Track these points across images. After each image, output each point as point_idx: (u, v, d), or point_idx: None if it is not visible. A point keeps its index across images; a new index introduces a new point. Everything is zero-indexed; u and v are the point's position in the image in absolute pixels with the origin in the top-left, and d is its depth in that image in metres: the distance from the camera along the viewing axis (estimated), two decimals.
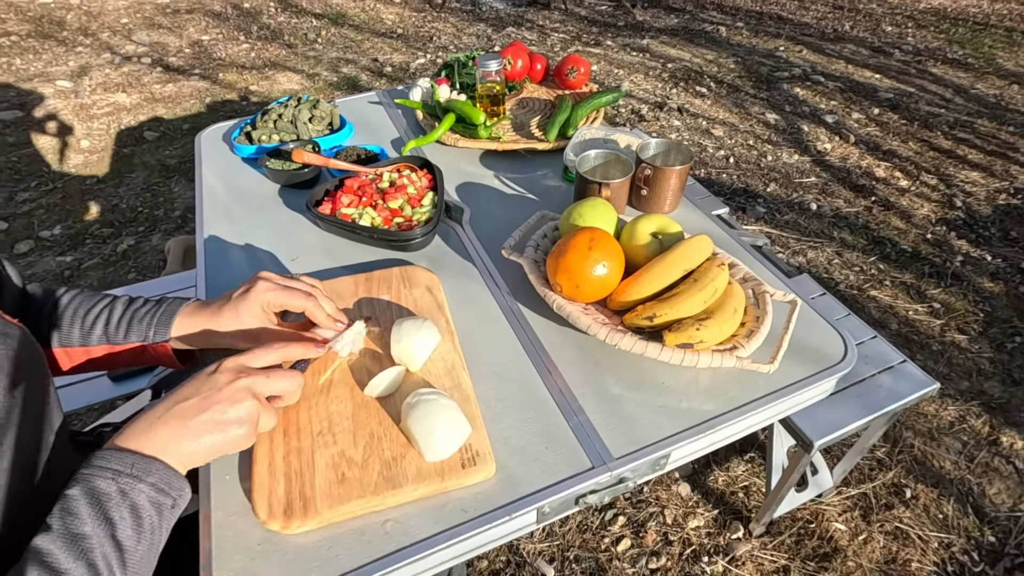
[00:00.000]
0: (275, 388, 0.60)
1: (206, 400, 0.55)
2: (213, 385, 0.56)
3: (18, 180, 2.59)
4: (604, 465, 0.66)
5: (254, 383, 0.58)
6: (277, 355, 0.62)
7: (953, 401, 1.78)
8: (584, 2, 4.94)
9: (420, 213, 0.96)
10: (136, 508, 0.50)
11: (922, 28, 4.58)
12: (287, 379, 0.60)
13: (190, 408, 0.55)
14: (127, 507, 0.50)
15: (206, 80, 3.44)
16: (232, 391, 0.56)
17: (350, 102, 1.41)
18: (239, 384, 0.57)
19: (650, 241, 0.80)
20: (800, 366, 0.77)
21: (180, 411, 0.55)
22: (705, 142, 3.00)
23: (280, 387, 0.60)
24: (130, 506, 0.50)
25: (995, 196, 2.69)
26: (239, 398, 0.56)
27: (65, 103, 3.13)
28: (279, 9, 4.45)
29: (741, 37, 4.31)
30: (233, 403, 0.56)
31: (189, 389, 0.57)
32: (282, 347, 0.63)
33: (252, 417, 0.57)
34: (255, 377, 0.58)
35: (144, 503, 0.51)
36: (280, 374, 0.60)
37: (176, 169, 2.70)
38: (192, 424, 0.54)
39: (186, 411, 0.55)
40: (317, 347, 0.67)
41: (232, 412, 0.55)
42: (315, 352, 0.66)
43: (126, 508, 0.50)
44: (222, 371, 0.58)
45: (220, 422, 0.55)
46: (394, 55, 3.85)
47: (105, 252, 2.25)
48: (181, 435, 0.54)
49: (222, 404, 0.55)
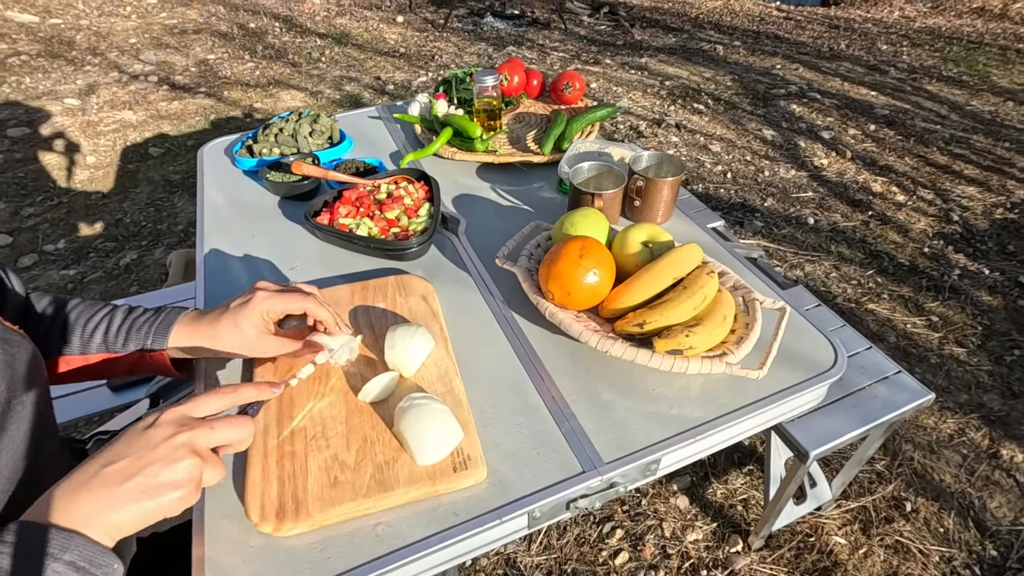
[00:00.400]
0: (220, 439, 0.53)
1: (137, 461, 0.49)
2: (146, 443, 0.50)
3: (24, 195, 2.62)
4: (595, 469, 0.67)
5: (194, 437, 0.51)
6: (224, 400, 0.56)
7: (952, 414, 1.78)
8: (583, 22, 5.02)
9: (416, 223, 0.98)
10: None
11: (917, 47, 4.64)
12: (234, 427, 0.54)
13: (118, 471, 0.48)
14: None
15: (211, 98, 3.49)
16: (169, 449, 0.50)
17: (350, 117, 1.43)
18: (177, 440, 0.50)
19: (641, 250, 0.82)
20: (790, 373, 0.78)
21: (107, 476, 0.48)
22: (703, 157, 3.03)
23: (226, 437, 0.53)
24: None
25: (992, 210, 2.71)
26: (175, 457, 0.49)
27: (72, 120, 3.19)
28: (284, 29, 4.53)
29: (738, 56, 4.38)
30: (169, 463, 0.49)
31: (119, 448, 0.50)
32: (231, 391, 0.57)
33: (192, 477, 0.50)
34: (196, 430, 0.52)
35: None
36: (226, 422, 0.54)
37: (180, 184, 2.73)
38: (119, 492, 0.48)
39: (114, 475, 0.48)
40: (271, 388, 0.60)
41: (166, 474, 0.49)
42: (269, 394, 0.60)
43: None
44: (159, 425, 0.51)
45: (152, 487, 0.48)
46: (396, 73, 3.91)
47: (108, 266, 2.27)
48: (107, 503, 0.48)
49: (155, 465, 0.49)
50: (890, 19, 5.43)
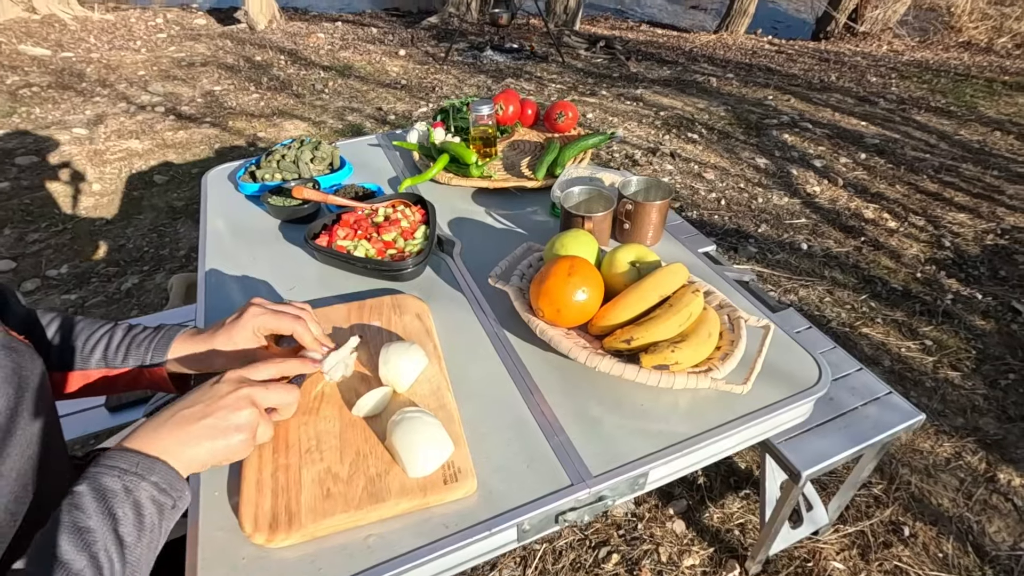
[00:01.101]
0: (274, 400, 0.62)
1: (209, 407, 0.58)
2: (216, 394, 0.59)
3: (29, 221, 2.67)
4: (583, 483, 0.68)
5: (254, 393, 0.60)
6: (276, 369, 0.65)
7: (948, 437, 1.78)
8: (580, 55, 5.17)
9: (412, 245, 1.01)
10: (138, 505, 0.52)
11: (905, 79, 4.77)
12: (285, 392, 0.63)
13: (193, 414, 0.57)
14: (130, 504, 0.52)
15: (216, 127, 3.58)
16: (234, 399, 0.59)
17: (350, 144, 1.48)
18: (241, 393, 0.60)
19: (628, 269, 0.84)
20: (775, 389, 0.79)
21: (184, 416, 0.57)
22: (697, 185, 3.09)
23: (278, 399, 0.63)
24: (133, 503, 0.52)
25: (983, 236, 2.75)
26: (240, 406, 0.59)
27: (80, 149, 3.26)
28: (289, 62, 4.66)
29: (731, 87, 4.49)
30: (235, 410, 0.58)
31: (193, 397, 0.59)
32: (280, 362, 0.66)
33: (252, 425, 0.59)
34: (255, 388, 0.61)
35: (146, 501, 0.52)
36: (279, 387, 0.63)
37: (183, 211, 2.78)
38: (195, 429, 0.56)
39: (189, 417, 0.57)
40: (313, 364, 0.71)
41: (233, 419, 0.58)
42: (311, 368, 0.70)
43: (129, 505, 0.51)
44: (224, 381, 0.61)
45: (222, 428, 0.57)
46: (397, 104, 4.01)
47: (109, 290, 2.30)
48: (184, 439, 0.56)
49: (224, 411, 0.58)
50: (879, 52, 5.59)
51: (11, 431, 0.58)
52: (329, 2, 7.10)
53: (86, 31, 5.01)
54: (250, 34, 5.24)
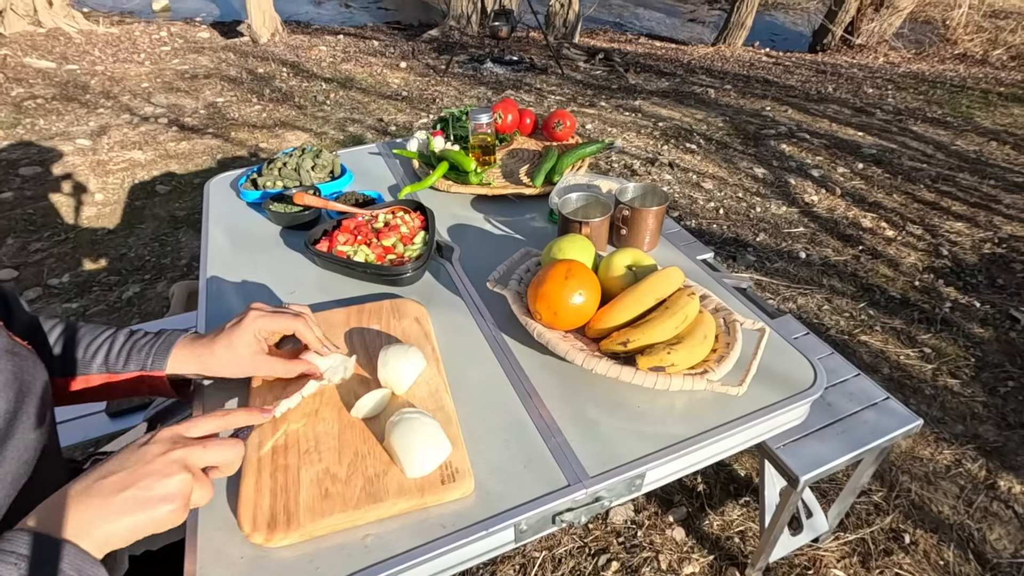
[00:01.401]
0: (212, 459, 0.55)
1: (132, 475, 0.51)
2: (141, 458, 0.52)
3: (32, 231, 2.69)
4: (580, 483, 0.68)
5: (188, 454, 0.54)
6: (218, 423, 0.59)
7: (948, 445, 1.78)
8: (579, 67, 5.22)
9: (412, 250, 1.02)
10: None
11: (902, 90, 4.81)
12: (226, 449, 0.56)
13: (113, 484, 0.50)
14: None
15: (218, 138, 3.61)
16: (163, 464, 0.52)
17: (351, 153, 1.50)
18: (171, 456, 0.53)
19: (625, 273, 0.85)
20: (771, 391, 0.80)
21: (102, 487, 0.50)
22: (696, 195, 3.11)
23: (217, 458, 0.56)
24: None
25: (980, 245, 2.76)
26: (169, 471, 0.52)
27: (83, 159, 3.28)
28: (291, 74, 4.71)
29: (729, 98, 4.53)
30: (162, 477, 0.51)
31: (116, 462, 0.52)
32: (224, 415, 0.60)
33: (182, 492, 0.52)
34: (190, 448, 0.54)
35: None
36: (218, 444, 0.56)
37: (184, 220, 2.80)
38: (114, 502, 0.50)
39: (108, 487, 0.50)
40: (262, 413, 0.64)
41: (159, 488, 0.51)
42: (260, 419, 0.63)
43: None
44: (154, 442, 0.54)
45: (145, 500, 0.50)
46: (398, 115, 4.05)
47: (111, 299, 2.31)
48: (101, 514, 0.49)
49: (149, 479, 0.51)
50: (875, 64, 5.64)
51: (10, 435, 0.59)
52: (331, 16, 7.19)
53: (91, 44, 5.07)
54: (253, 47, 5.30)
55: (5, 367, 0.61)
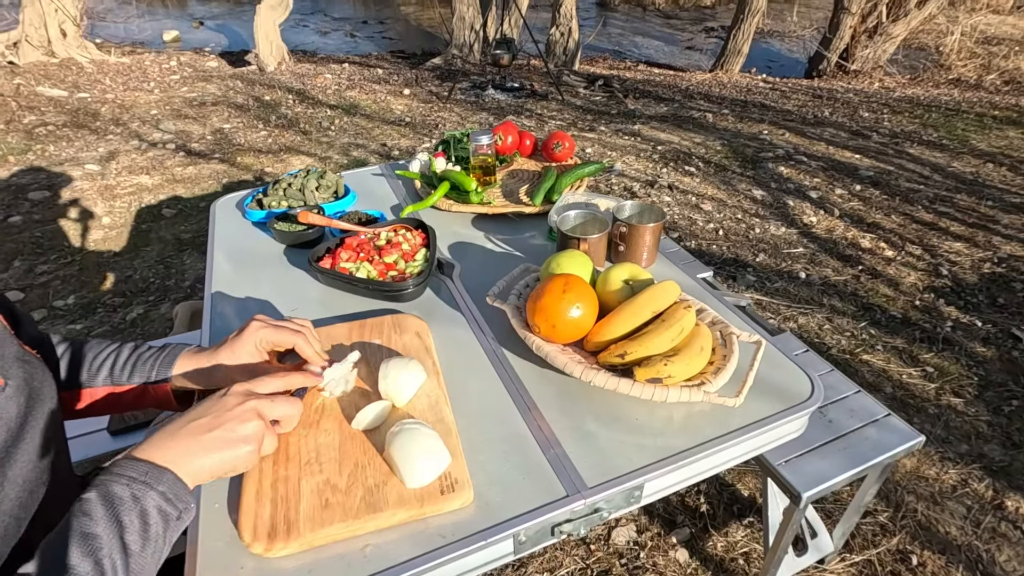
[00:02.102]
0: (279, 412, 0.64)
1: (217, 419, 0.60)
2: (223, 406, 0.61)
3: (39, 253, 2.72)
4: (579, 494, 0.69)
5: (260, 405, 0.62)
6: (280, 383, 0.67)
7: (954, 464, 1.76)
8: (580, 93, 5.32)
9: (413, 267, 1.04)
10: (145, 514, 0.53)
11: (897, 114, 4.88)
12: (289, 404, 0.65)
13: (202, 425, 0.59)
14: (137, 512, 0.53)
15: (225, 163, 3.67)
16: (241, 411, 0.61)
17: (355, 174, 1.53)
18: (248, 405, 0.61)
19: (622, 287, 0.87)
20: (768, 404, 0.81)
21: (192, 428, 0.59)
22: (695, 216, 3.14)
23: (283, 411, 0.65)
24: (140, 511, 0.53)
25: (980, 265, 2.77)
26: (247, 417, 0.60)
27: (91, 184, 3.34)
28: (297, 101, 4.81)
29: (727, 123, 4.60)
30: (242, 422, 0.60)
31: (201, 409, 0.61)
32: (284, 376, 0.68)
33: (258, 436, 0.61)
34: (261, 400, 0.63)
35: (152, 510, 0.53)
36: (284, 399, 0.65)
37: (189, 243, 2.83)
38: (203, 440, 0.58)
39: (198, 428, 0.59)
40: (315, 376, 0.73)
41: (241, 430, 0.60)
42: (313, 381, 0.73)
43: (136, 513, 0.52)
44: (232, 394, 0.63)
45: (229, 439, 0.59)
46: (402, 140, 4.12)
47: (115, 320, 2.33)
48: (192, 450, 0.58)
49: (232, 423, 0.59)
50: (870, 89, 5.73)
51: (21, 438, 0.60)
52: (337, 45, 7.36)
53: (102, 73, 5.20)
54: (260, 75, 5.43)
55: (16, 373, 0.62)
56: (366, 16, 8.79)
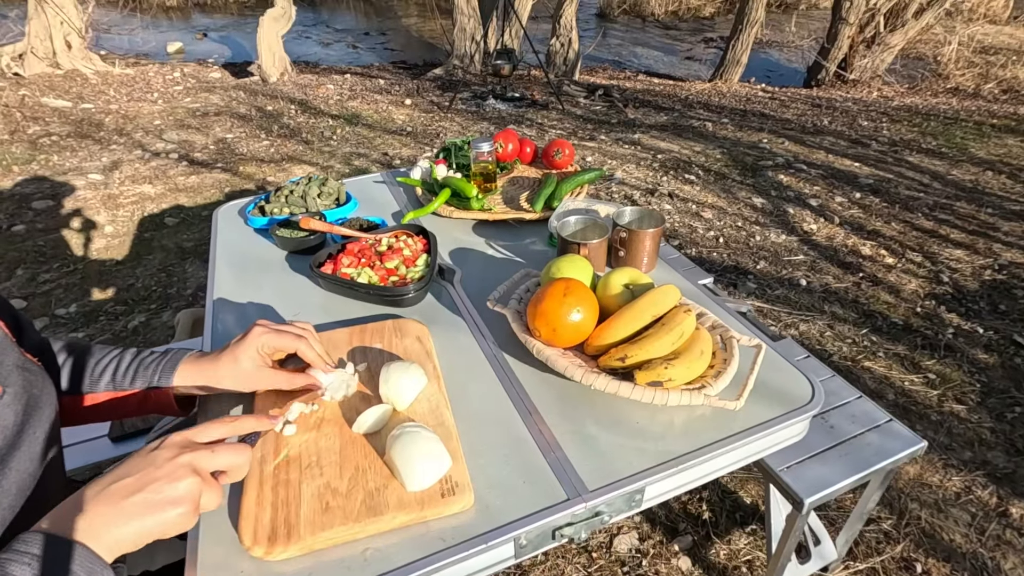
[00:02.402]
0: (220, 463, 0.57)
1: (142, 479, 0.52)
2: (151, 462, 0.54)
3: (42, 262, 2.73)
4: (579, 497, 0.68)
5: (196, 458, 0.55)
6: (226, 428, 0.61)
7: (957, 471, 1.75)
8: (580, 103, 5.35)
9: (414, 272, 1.04)
10: None
11: (896, 123, 4.90)
12: (234, 453, 0.58)
13: (124, 487, 0.52)
14: None
15: (227, 172, 3.69)
16: (172, 468, 0.53)
17: (356, 181, 1.54)
18: (180, 460, 0.54)
19: (622, 291, 0.87)
20: (769, 408, 0.81)
21: (112, 491, 0.51)
22: (695, 224, 3.15)
23: (226, 462, 0.57)
24: None
25: (981, 272, 2.77)
26: (178, 475, 0.53)
27: (95, 193, 3.36)
28: (299, 111, 4.85)
29: (726, 132, 4.63)
30: (171, 481, 0.52)
31: (127, 467, 0.54)
32: (232, 420, 0.62)
33: (191, 496, 0.53)
34: (198, 452, 0.56)
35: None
36: (226, 448, 0.58)
37: (192, 251, 2.84)
38: (123, 505, 0.51)
39: (119, 491, 0.51)
40: (270, 420, 0.66)
41: (169, 491, 0.52)
42: (267, 425, 0.66)
43: None
44: (164, 447, 0.55)
45: (154, 503, 0.51)
46: (403, 150, 4.14)
47: (116, 328, 2.33)
48: (111, 518, 0.50)
49: (159, 482, 0.52)
50: (869, 98, 5.76)
51: (17, 446, 0.60)
52: (339, 56, 7.43)
53: (106, 84, 5.24)
54: (262, 86, 5.47)
55: (16, 381, 0.63)
56: (368, 27, 8.87)
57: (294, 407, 0.74)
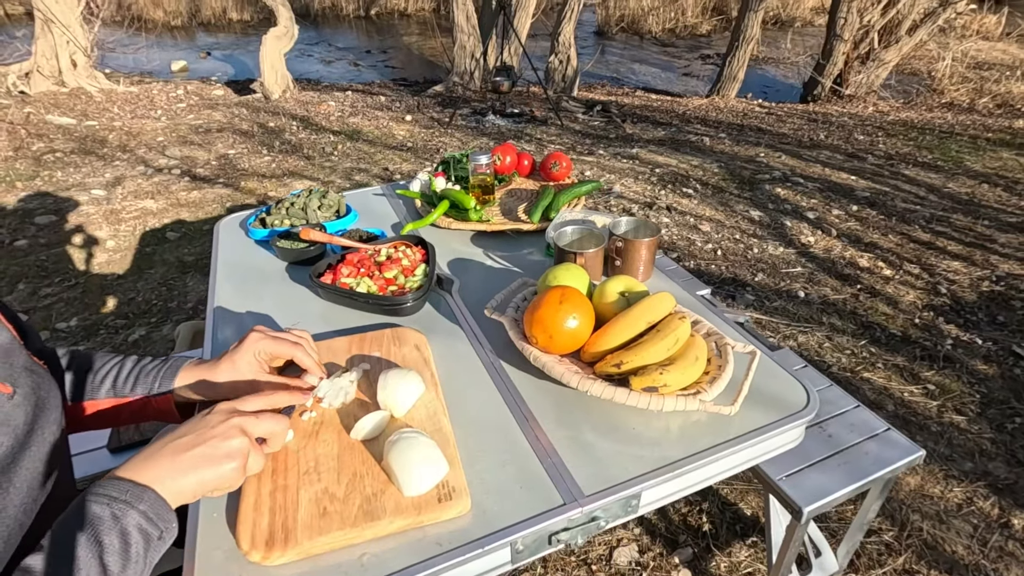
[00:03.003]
0: (264, 429, 0.64)
1: (200, 436, 0.59)
2: (206, 424, 0.61)
3: (44, 277, 2.75)
4: (575, 502, 0.69)
5: (245, 422, 0.62)
6: (266, 400, 0.68)
7: (958, 482, 1.74)
8: (578, 119, 5.41)
9: (413, 282, 1.05)
10: (125, 534, 0.52)
11: (891, 137, 4.95)
12: (275, 422, 0.65)
13: (185, 443, 0.59)
14: (117, 532, 0.52)
15: (229, 187, 3.73)
16: (224, 428, 0.61)
17: (357, 194, 1.56)
18: (232, 422, 0.61)
19: (617, 299, 0.88)
20: (765, 414, 0.81)
21: (175, 446, 0.59)
22: (693, 236, 3.17)
23: (268, 428, 0.65)
24: (120, 531, 0.52)
25: (978, 283, 2.78)
26: (231, 434, 0.60)
27: (97, 209, 3.39)
28: (300, 127, 4.90)
29: (723, 146, 4.67)
30: (225, 439, 0.60)
31: (185, 428, 0.61)
32: (271, 394, 0.69)
33: (243, 452, 0.60)
34: (246, 417, 0.63)
35: (133, 530, 0.53)
36: (269, 416, 0.65)
37: (192, 265, 2.86)
38: (185, 458, 0.58)
39: (180, 446, 0.59)
40: (303, 394, 0.73)
41: (224, 447, 0.59)
42: (301, 399, 0.73)
43: (116, 533, 0.52)
44: (215, 412, 0.63)
45: (212, 456, 0.58)
46: (403, 165, 4.18)
47: (116, 341, 2.34)
48: (175, 468, 0.57)
49: (215, 440, 0.59)
50: (865, 113, 5.82)
51: (28, 445, 0.61)
52: (340, 73, 7.52)
53: (111, 102, 5.31)
54: (265, 103, 5.53)
55: (25, 382, 0.64)
56: (369, 46, 9.00)
57: (323, 384, 0.78)
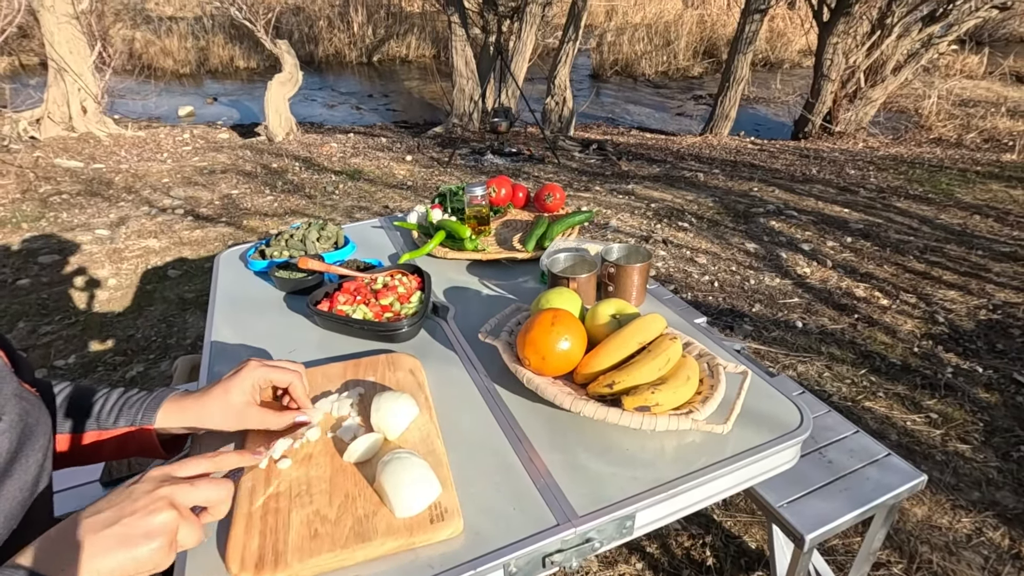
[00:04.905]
0: (199, 498, 0.56)
1: (118, 512, 0.52)
2: (129, 496, 0.53)
3: (44, 315, 2.76)
4: (569, 523, 0.68)
5: (175, 492, 0.54)
6: (209, 464, 0.60)
7: (967, 512, 1.71)
8: (575, 157, 5.53)
9: (408, 308, 1.07)
10: None
11: (882, 171, 5.04)
12: (215, 488, 0.57)
13: (101, 520, 0.51)
14: None
15: (231, 226, 3.78)
16: (148, 501, 0.52)
17: (355, 227, 1.59)
18: (158, 494, 0.53)
19: (609, 320, 0.89)
20: (758, 434, 0.81)
21: (89, 524, 0.51)
22: (690, 269, 3.20)
23: (206, 496, 0.56)
24: None
25: (976, 312, 2.79)
26: (154, 509, 0.52)
27: (100, 248, 3.43)
28: (303, 168, 5.00)
29: (718, 181, 4.76)
30: (147, 514, 0.52)
31: (105, 501, 0.54)
32: (215, 455, 0.61)
33: (167, 529, 0.52)
34: (178, 486, 0.55)
35: None
36: (207, 483, 0.57)
37: (193, 302, 2.88)
38: (99, 538, 0.50)
39: (95, 524, 0.51)
40: (254, 456, 0.66)
41: (142, 525, 0.51)
42: (251, 461, 0.65)
43: None
44: (143, 480, 0.55)
45: (128, 536, 0.51)
46: (403, 203, 4.25)
47: (114, 378, 2.33)
48: (88, 551, 0.50)
49: (135, 516, 0.51)
50: (855, 149, 5.95)
51: (9, 474, 0.60)
52: (343, 116, 7.72)
53: (118, 146, 5.44)
54: (268, 145, 5.67)
55: (13, 409, 0.64)
56: (371, 90, 9.27)
57: (279, 444, 0.74)
